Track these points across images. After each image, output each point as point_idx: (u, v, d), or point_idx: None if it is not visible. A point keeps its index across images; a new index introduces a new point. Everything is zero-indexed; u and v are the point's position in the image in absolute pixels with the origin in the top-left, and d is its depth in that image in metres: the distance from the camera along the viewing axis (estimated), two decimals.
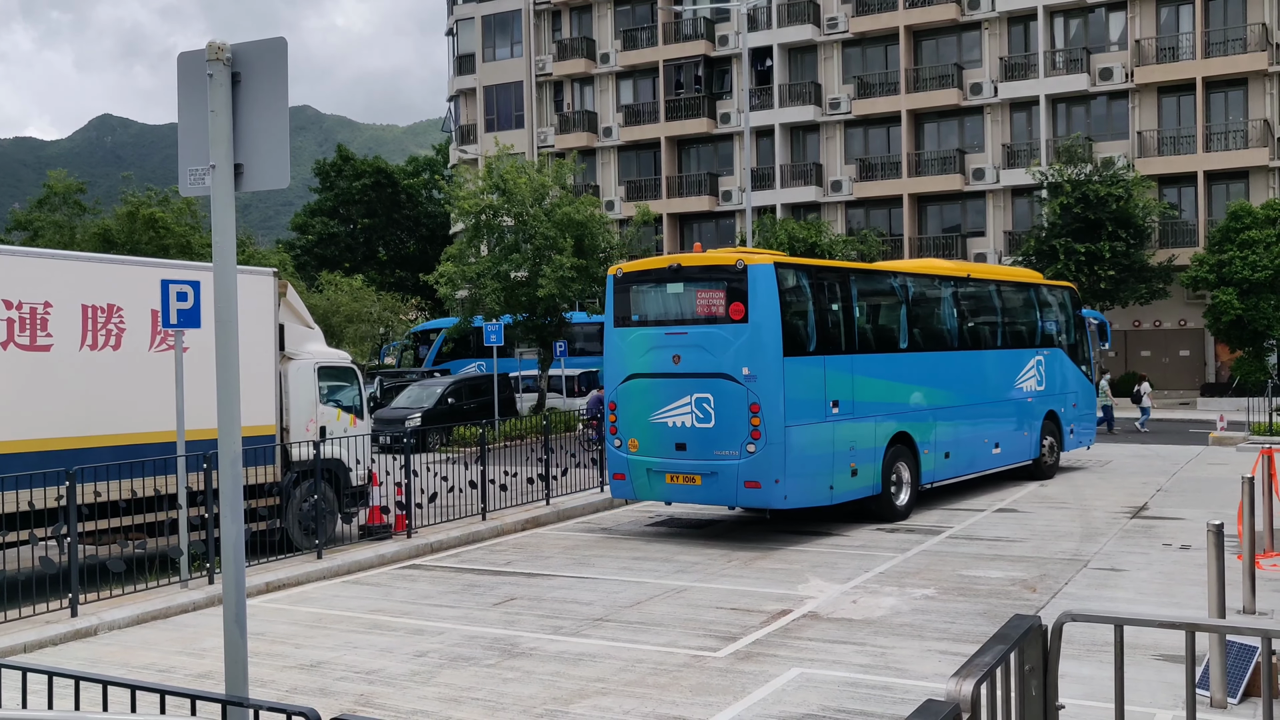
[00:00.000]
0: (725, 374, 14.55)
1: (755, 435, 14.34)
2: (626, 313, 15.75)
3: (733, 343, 14.57)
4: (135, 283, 12.94)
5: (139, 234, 39.19)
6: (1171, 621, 4.58)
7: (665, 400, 15.03)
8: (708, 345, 14.75)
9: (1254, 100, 42.23)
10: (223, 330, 5.23)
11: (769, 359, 14.44)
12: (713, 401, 14.63)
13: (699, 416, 14.75)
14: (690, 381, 14.81)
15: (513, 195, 35.11)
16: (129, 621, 11.01)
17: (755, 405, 14.34)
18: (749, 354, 14.45)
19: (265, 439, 14.15)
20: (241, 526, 5.23)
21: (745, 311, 14.54)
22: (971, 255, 45.83)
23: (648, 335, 15.40)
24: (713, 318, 14.90)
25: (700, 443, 14.75)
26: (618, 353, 15.74)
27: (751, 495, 14.59)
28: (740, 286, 14.59)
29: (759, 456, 14.34)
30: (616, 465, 15.81)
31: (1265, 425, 27.53)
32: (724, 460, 14.57)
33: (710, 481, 14.74)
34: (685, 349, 14.93)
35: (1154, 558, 13.39)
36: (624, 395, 15.56)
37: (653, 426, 15.17)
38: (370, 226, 66.80)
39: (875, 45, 48.60)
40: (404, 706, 8.34)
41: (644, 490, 15.63)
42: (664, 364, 15.12)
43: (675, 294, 15.43)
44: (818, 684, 8.67)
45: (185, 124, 5.38)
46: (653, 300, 15.71)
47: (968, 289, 19.47)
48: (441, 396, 31.64)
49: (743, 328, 14.55)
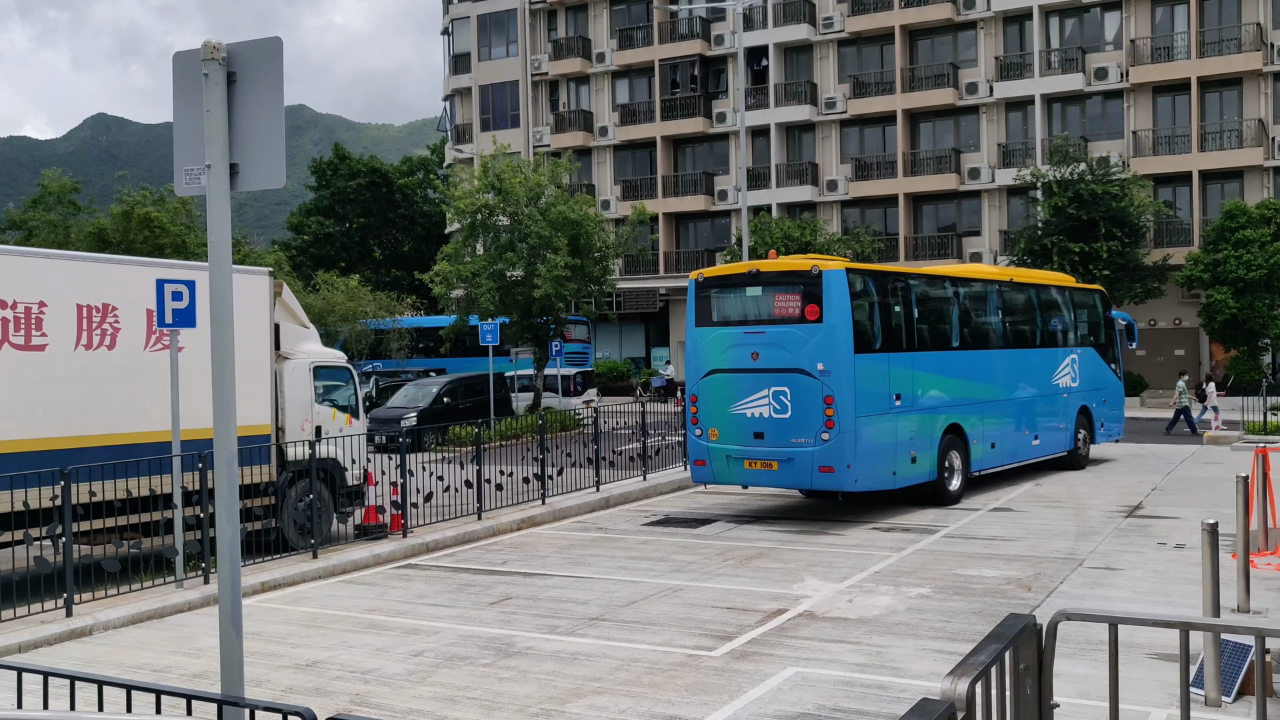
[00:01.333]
0: (801, 369, 15.95)
1: (829, 425, 15.76)
2: (707, 314, 17.17)
3: (808, 341, 15.96)
4: (130, 282, 12.92)
5: (134, 233, 39.11)
6: (1166, 620, 4.59)
7: (744, 393, 16.39)
8: (785, 343, 16.12)
9: (1249, 100, 42.31)
10: (218, 330, 5.23)
11: (841, 356, 15.83)
12: (789, 394, 16.02)
13: (776, 408, 16.12)
14: (768, 376, 16.20)
15: (508, 195, 35.08)
16: (124, 621, 11.00)
17: (829, 398, 15.76)
18: (823, 351, 15.85)
19: (261, 438, 14.14)
20: (237, 526, 5.23)
21: (820, 312, 15.93)
22: (967, 255, 45.88)
23: (727, 334, 16.79)
24: (789, 318, 16.29)
25: (777, 431, 16.13)
26: (698, 350, 17.12)
27: (825, 479, 15.98)
28: (815, 290, 15.98)
29: (832, 444, 15.75)
30: (697, 453, 17.12)
31: (1260, 424, 27.59)
32: (800, 448, 15.95)
33: (786, 467, 16.18)
34: (763, 346, 16.31)
35: (1149, 556, 13.42)
36: (704, 389, 16.94)
37: (732, 417, 16.51)
38: (366, 226, 66.77)
39: (871, 45, 48.64)
40: (400, 706, 8.34)
41: (723, 475, 16.97)
42: (743, 360, 16.45)
43: (754, 297, 16.87)
44: (813, 683, 8.67)
45: (181, 124, 5.38)
46: (732, 303, 17.14)
47: (1010, 292, 20.82)
48: (437, 396, 31.63)
49: (817, 327, 15.93)
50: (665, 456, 21.76)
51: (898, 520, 16.55)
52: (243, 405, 8.79)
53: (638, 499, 19.37)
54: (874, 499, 17.69)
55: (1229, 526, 12.33)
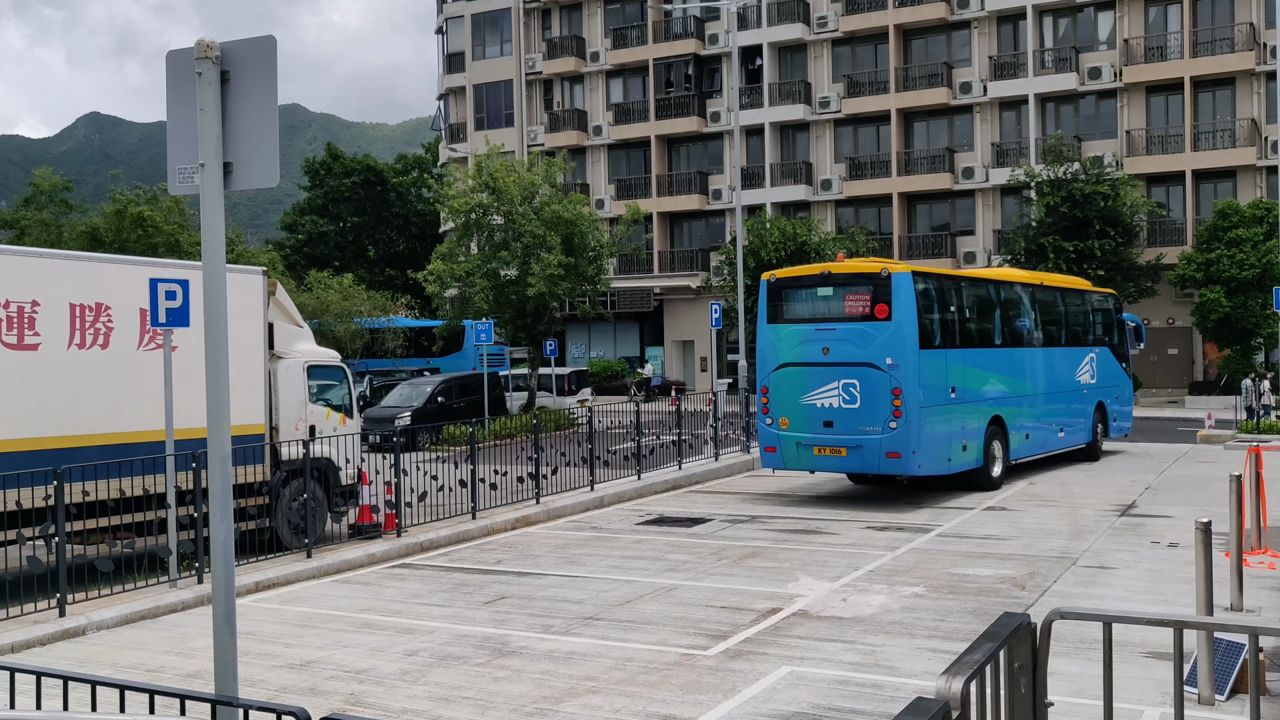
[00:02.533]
0: (870, 363, 17.27)
1: (897, 414, 17.09)
2: (778, 312, 18.51)
3: (877, 337, 17.29)
4: (123, 281, 12.89)
5: (127, 233, 39.04)
6: (1160, 619, 4.60)
7: (814, 385, 17.77)
8: (854, 339, 17.47)
9: (1241, 99, 42.39)
10: (212, 329, 5.21)
11: (908, 351, 17.21)
12: (859, 386, 17.37)
13: (845, 399, 17.48)
14: (838, 370, 17.55)
15: (502, 194, 35.07)
16: (117, 621, 10.97)
17: (897, 390, 17.10)
18: (892, 347, 17.19)
19: (255, 438, 14.12)
20: (231, 526, 5.22)
21: (889, 311, 17.26)
22: (961, 254, 45.94)
23: (798, 331, 18.12)
24: (859, 316, 17.59)
25: (846, 420, 17.48)
26: (769, 346, 18.50)
27: (892, 464, 17.33)
28: (885, 290, 17.32)
29: (899, 432, 17.13)
30: (768, 440, 18.56)
31: (1252, 423, 27.65)
32: (868, 435, 17.32)
33: (855, 453, 17.57)
34: (833, 342, 17.66)
35: (1142, 555, 13.44)
36: (775, 381, 18.28)
37: (802, 407, 17.86)
38: (360, 225, 66.68)
39: (865, 44, 48.68)
40: (394, 705, 8.33)
41: (792, 460, 18.37)
42: (814, 355, 17.80)
43: (824, 296, 18.15)
44: (808, 682, 8.68)
45: (174, 122, 5.37)
46: (803, 302, 18.43)
47: (1042, 294, 22.44)
48: (431, 395, 31.61)
49: (886, 325, 17.26)
50: (659, 456, 21.76)
51: (892, 519, 16.58)
52: (236, 404, 8.77)
53: (632, 498, 19.37)
54: (919, 486, 19.24)
55: (1222, 525, 12.36)
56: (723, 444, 23.98)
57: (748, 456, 23.88)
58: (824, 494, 19.63)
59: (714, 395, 25.77)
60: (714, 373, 31.63)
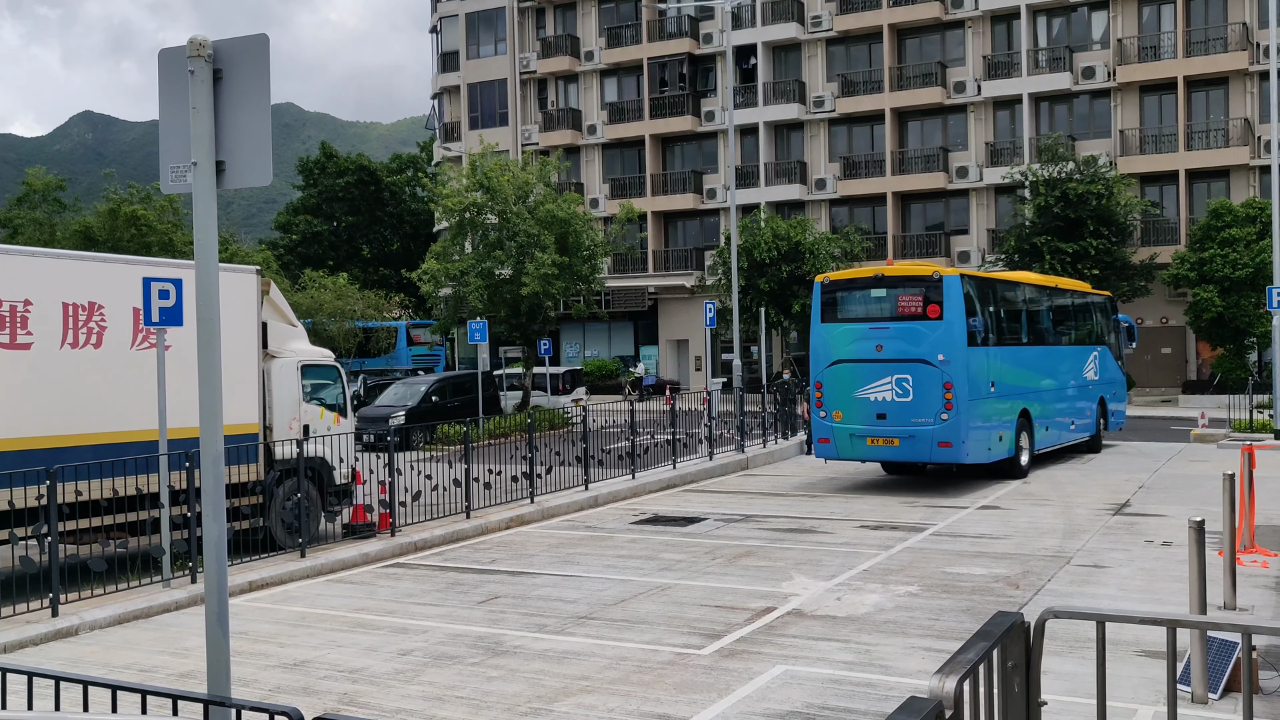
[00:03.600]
0: (923, 359, 18.43)
1: (948, 406, 18.27)
2: (832, 312, 19.66)
3: (929, 335, 18.49)
4: (117, 280, 12.86)
5: (120, 232, 39.00)
6: (1153, 618, 4.60)
7: (867, 380, 18.83)
8: (907, 337, 18.67)
9: (1235, 99, 42.47)
10: (205, 328, 5.21)
11: (958, 348, 18.47)
12: (911, 381, 18.47)
13: (898, 392, 18.57)
14: (891, 365, 18.64)
15: (496, 193, 35.05)
16: (110, 621, 10.95)
17: (948, 384, 18.28)
18: (943, 344, 18.42)
19: (248, 437, 14.10)
20: (224, 525, 5.21)
21: (941, 311, 18.48)
22: (955, 254, 45.98)
23: (853, 329, 19.24)
24: (911, 315, 18.76)
25: (899, 413, 18.59)
26: (823, 344, 19.60)
27: (944, 453, 18.59)
28: (937, 292, 18.61)
29: (951, 423, 18.31)
30: (821, 431, 19.75)
31: (1246, 422, 27.71)
32: (921, 426, 18.45)
33: (908, 443, 18.70)
34: (887, 340, 18.81)
35: (1136, 554, 13.46)
36: (829, 377, 19.39)
37: (856, 401, 18.97)
38: (354, 224, 66.60)
39: (859, 43, 48.70)
40: (388, 705, 8.32)
41: (846, 451, 19.49)
42: (867, 352, 18.90)
43: (878, 297, 19.37)
44: (802, 681, 8.68)
45: (167, 121, 5.36)
46: (857, 302, 19.63)
47: (1060, 297, 23.96)
48: (425, 394, 31.58)
49: (938, 324, 18.47)
50: (654, 455, 21.75)
51: (886, 518, 16.59)
52: (230, 404, 8.76)
53: (626, 498, 19.36)
54: (948, 475, 20.66)
55: (1215, 524, 12.38)
56: (717, 443, 23.98)
57: (742, 456, 23.89)
58: (818, 493, 19.65)
59: (708, 394, 25.77)
60: (708, 372, 31.56)
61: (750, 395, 28.52)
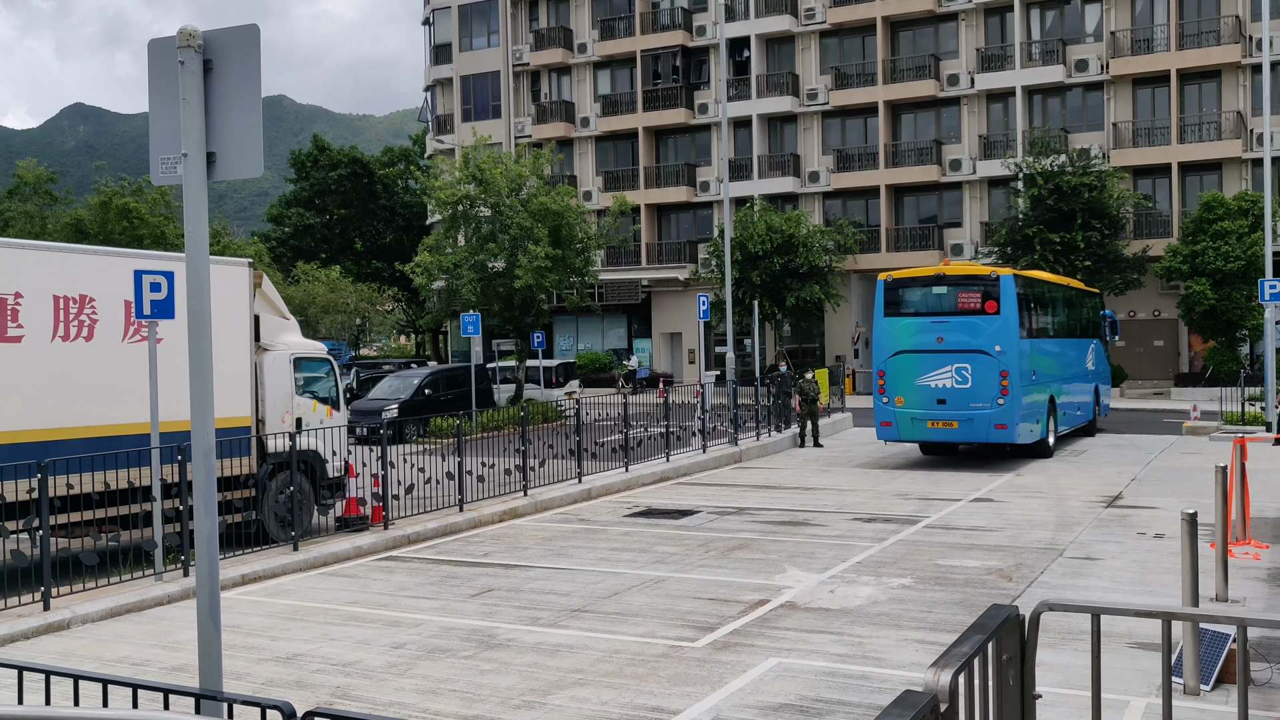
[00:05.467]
0: (981, 350, 20.48)
1: (1004, 392, 20.33)
2: (895, 307, 21.58)
3: (986, 329, 20.53)
4: (108, 273, 12.81)
5: (112, 224, 38.86)
6: (1147, 610, 4.59)
7: (929, 369, 20.85)
8: (966, 330, 20.67)
9: (1227, 92, 42.50)
10: (196, 321, 5.17)
11: (1013, 340, 20.54)
12: (970, 369, 20.51)
13: (958, 380, 20.61)
14: (951, 355, 20.69)
15: (489, 185, 34.98)
16: (102, 615, 10.92)
17: (1005, 372, 20.31)
18: (1000, 336, 20.48)
19: (241, 430, 14.06)
20: (215, 519, 5.18)
21: (998, 306, 20.51)
22: (948, 246, 45.99)
23: (914, 323, 21.23)
24: (971, 310, 20.76)
25: (958, 398, 20.66)
26: (886, 336, 21.58)
27: (999, 434, 20.63)
28: (994, 289, 20.66)
29: (1006, 407, 20.38)
30: (884, 416, 21.63)
31: (1238, 415, 27.77)
32: (979, 410, 20.50)
33: (966, 425, 20.73)
34: (947, 332, 20.82)
35: (1128, 546, 13.49)
36: (892, 366, 21.39)
37: (917, 387, 20.98)
38: (346, 217, 66.45)
39: (852, 36, 48.65)
40: (381, 698, 8.30)
41: (907, 433, 21.49)
42: (929, 343, 20.93)
43: (939, 294, 21.35)
44: (795, 674, 8.68)
45: (157, 112, 5.32)
46: (918, 298, 21.57)
47: (1071, 294, 26.39)
48: (419, 388, 31.54)
49: (995, 318, 20.52)
50: (647, 448, 21.74)
51: (879, 511, 16.60)
52: (222, 397, 8.72)
53: (620, 490, 19.36)
54: (981, 455, 22.67)
55: (1208, 516, 12.40)
56: (710, 436, 23.97)
57: (735, 449, 23.88)
58: (811, 486, 19.66)
59: (702, 387, 25.76)
60: (701, 365, 31.58)
61: (744, 388, 28.52)
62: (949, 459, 23.09)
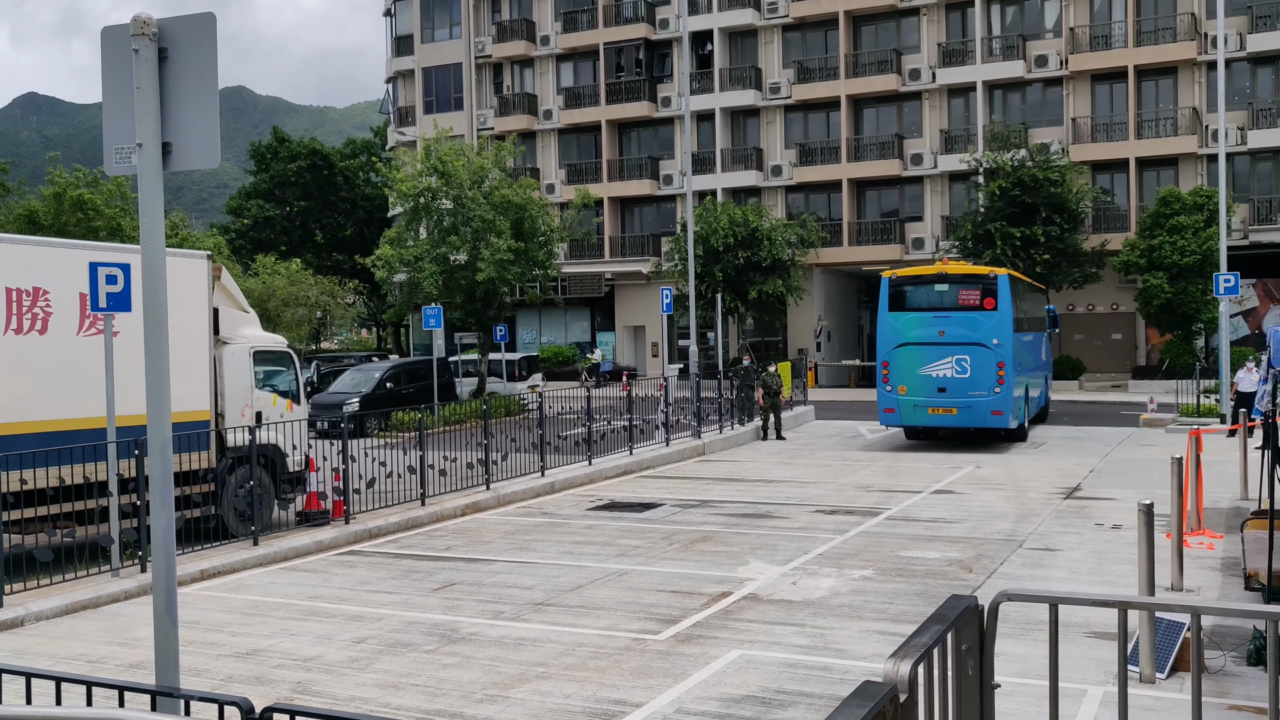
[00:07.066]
0: (980, 342, 22.28)
1: (1000, 381, 22.15)
2: (899, 303, 23.23)
3: (986, 323, 22.39)
4: (62, 265, 12.62)
5: (66, 216, 38.23)
6: (1105, 600, 4.64)
7: (930, 360, 22.56)
8: (967, 324, 22.48)
9: (1184, 89, 43.02)
10: (152, 314, 5.10)
11: (1007, 333, 22.42)
12: (970, 360, 22.25)
13: (957, 370, 22.33)
14: (951, 348, 22.43)
15: (451, 178, 34.78)
16: (57, 612, 10.77)
17: (1001, 363, 22.16)
18: (997, 330, 22.35)
19: (200, 424, 13.91)
20: (172, 514, 5.12)
21: (996, 303, 22.42)
22: (909, 240, 46.27)
23: (917, 317, 22.95)
24: (970, 306, 22.57)
25: (958, 387, 22.41)
26: (891, 329, 23.20)
27: (995, 419, 22.47)
28: (993, 287, 22.61)
29: (1002, 395, 22.26)
30: (887, 403, 23.27)
31: (1193, 407, 28.15)
32: (976, 398, 22.32)
33: (965, 412, 22.45)
34: (949, 326, 22.57)
35: (1087, 537, 13.64)
36: (895, 357, 23.01)
37: (919, 377, 22.67)
38: (307, 209, 65.83)
39: (815, 30, 48.78)
40: (342, 694, 8.25)
41: (909, 418, 23.21)
42: (930, 336, 22.63)
43: (940, 291, 23.06)
44: (758, 665, 8.71)
45: (111, 101, 5.24)
46: (920, 294, 23.25)
47: (1036, 290, 28.83)
48: (380, 381, 31.33)
49: (993, 314, 22.42)
50: (610, 442, 21.73)
51: (841, 503, 16.69)
52: (181, 391, 8.63)
53: (583, 484, 19.34)
54: (964, 440, 24.05)
55: (1164, 507, 12.56)
56: (674, 430, 24.00)
57: (698, 442, 23.93)
58: (773, 479, 19.73)
59: (665, 381, 25.78)
60: (665, 358, 31.60)
61: (707, 381, 28.57)
62: (912, 451, 23.25)
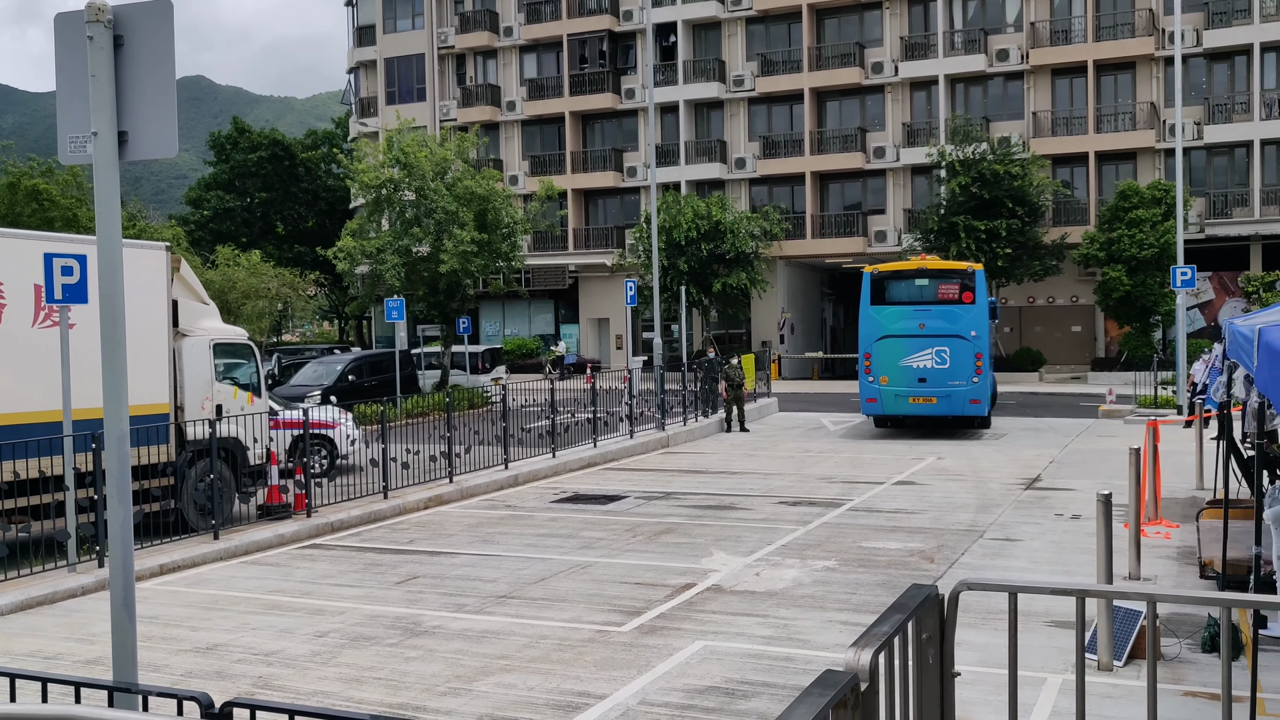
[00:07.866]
0: (958, 334, 23.25)
1: (978, 371, 23.24)
2: (881, 296, 24.13)
3: (964, 316, 23.36)
4: (16, 256, 12.42)
5: (21, 206, 37.65)
6: (1063, 588, 4.69)
7: (911, 351, 23.40)
8: (946, 317, 23.40)
9: (1141, 83, 43.50)
10: (108, 306, 5.03)
11: (984, 326, 23.54)
12: (949, 352, 23.16)
13: (937, 361, 23.26)
14: (931, 340, 23.30)
15: (413, 169, 34.57)
16: (12, 608, 10.63)
17: (979, 354, 23.20)
18: (975, 322, 23.36)
19: (159, 418, 13.75)
20: (130, 508, 5.06)
21: (974, 297, 23.36)
22: (872, 233, 46.52)
23: (898, 310, 23.84)
24: (949, 300, 23.52)
25: (937, 377, 23.34)
26: (873, 322, 24.01)
27: (973, 408, 23.55)
28: (970, 282, 23.54)
29: (979, 385, 23.34)
30: (870, 393, 24.10)
31: (1151, 398, 28.51)
32: (955, 388, 23.31)
33: (944, 400, 23.41)
34: (929, 319, 23.41)
35: (1046, 527, 13.78)
36: (878, 349, 23.79)
37: (900, 368, 23.52)
38: (267, 201, 65.22)
39: (778, 23, 48.87)
40: (304, 688, 8.20)
41: (890, 407, 24.05)
42: (911, 329, 23.47)
43: (921, 285, 23.92)
44: (721, 656, 8.74)
45: (64, 89, 5.15)
46: (901, 288, 24.18)
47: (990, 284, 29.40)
48: (342, 374, 31.08)
49: (971, 307, 23.40)
50: (574, 434, 21.71)
51: (804, 494, 16.77)
52: (139, 384, 8.51)
53: (547, 476, 19.31)
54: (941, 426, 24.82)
55: (1122, 497, 12.71)
56: (638, 422, 24.01)
57: (662, 434, 23.95)
58: (737, 470, 19.79)
59: (629, 373, 25.77)
60: (629, 350, 31.57)
61: (671, 374, 28.60)
62: (876, 442, 23.39)
